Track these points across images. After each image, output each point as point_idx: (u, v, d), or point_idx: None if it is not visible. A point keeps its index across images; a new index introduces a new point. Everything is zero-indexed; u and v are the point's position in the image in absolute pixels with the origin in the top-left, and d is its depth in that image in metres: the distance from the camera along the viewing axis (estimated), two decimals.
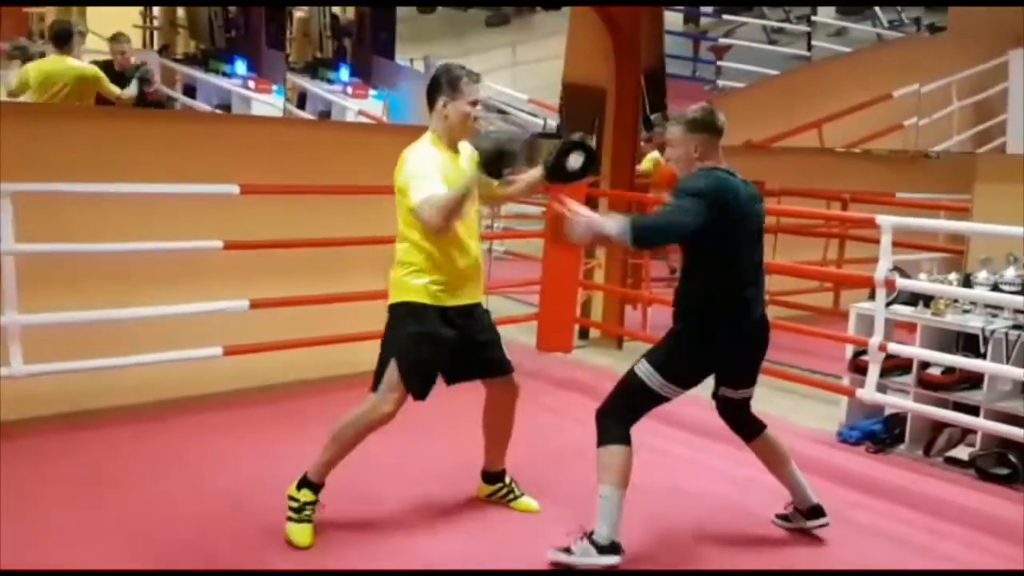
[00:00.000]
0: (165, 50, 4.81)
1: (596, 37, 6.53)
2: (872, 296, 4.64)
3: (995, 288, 4.35)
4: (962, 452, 4.42)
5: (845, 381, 4.83)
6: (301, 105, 5.22)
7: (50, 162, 4.22)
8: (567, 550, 3.19)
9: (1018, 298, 4.24)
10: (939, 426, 4.54)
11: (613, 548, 3.14)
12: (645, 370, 3.24)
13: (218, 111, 4.90)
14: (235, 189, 4.55)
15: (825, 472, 4.31)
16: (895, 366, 4.62)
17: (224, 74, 4.93)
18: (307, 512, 3.29)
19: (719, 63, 6.98)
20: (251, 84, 5.01)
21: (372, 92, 5.49)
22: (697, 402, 3.73)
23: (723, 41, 6.94)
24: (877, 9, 6.20)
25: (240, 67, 4.96)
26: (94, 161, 4.38)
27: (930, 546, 3.61)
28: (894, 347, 4.40)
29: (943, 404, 4.43)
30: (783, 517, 3.66)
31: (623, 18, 6.50)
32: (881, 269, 4.37)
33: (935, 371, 4.47)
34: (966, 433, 4.47)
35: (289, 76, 5.10)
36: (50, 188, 4.07)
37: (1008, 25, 5.24)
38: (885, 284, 4.37)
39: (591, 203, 6.27)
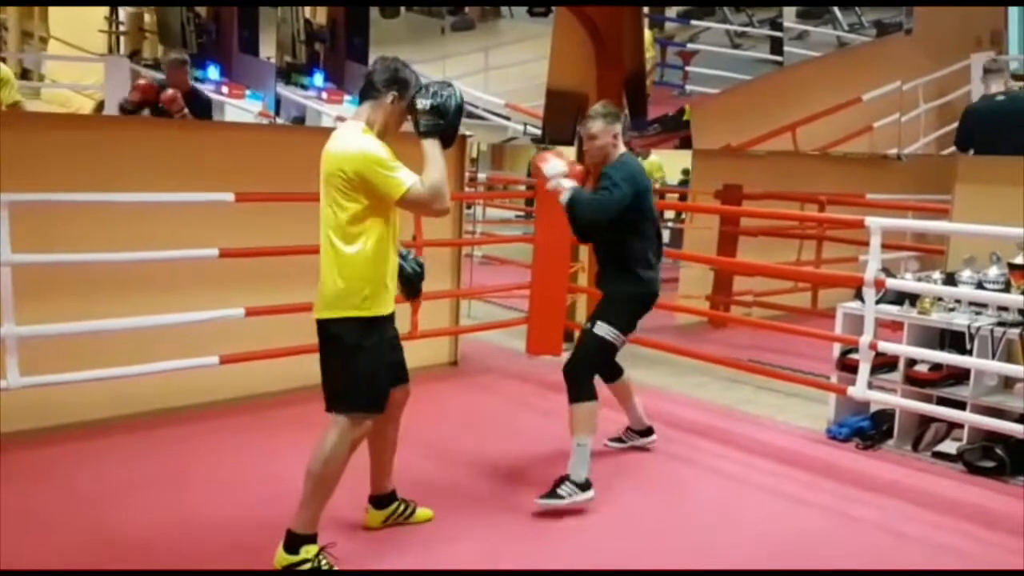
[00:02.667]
0: (135, 55, 4.68)
1: (579, 44, 6.60)
2: (858, 296, 4.70)
3: (979, 286, 4.45)
4: (949, 446, 4.51)
5: (834, 379, 4.89)
6: (276, 111, 5.14)
7: (44, 172, 4.14)
8: (554, 495, 3.69)
9: (1003, 295, 4.34)
10: (926, 421, 4.64)
11: (589, 484, 3.76)
12: (606, 330, 3.89)
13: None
14: (230, 197, 4.50)
15: (818, 469, 4.39)
16: (881, 363, 4.70)
17: (197, 80, 4.82)
18: (323, 560, 3.06)
19: (687, 68, 7.06)
20: (224, 89, 4.91)
21: (347, 97, 5.41)
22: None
23: (691, 46, 7.01)
24: (837, 13, 6.32)
25: (213, 72, 4.85)
26: (88, 170, 4.31)
27: (927, 537, 3.69)
28: (884, 345, 4.47)
29: (929, 400, 4.52)
30: (616, 439, 4.51)
31: (605, 26, 6.57)
32: (871, 269, 4.44)
33: (922, 368, 4.56)
34: (952, 428, 4.58)
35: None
36: (47, 198, 3.99)
37: (970, 29, 5.38)
38: (875, 284, 4.43)
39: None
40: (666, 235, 8.29)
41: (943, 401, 4.48)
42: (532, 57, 6.36)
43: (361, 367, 3.08)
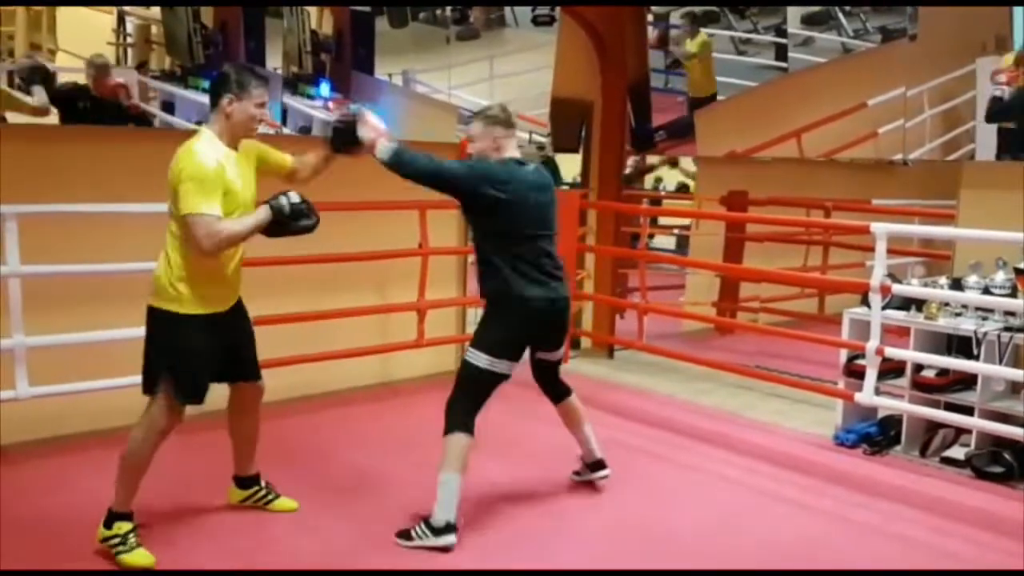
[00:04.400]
0: (142, 67, 4.72)
1: (583, 52, 6.63)
2: (864, 301, 4.70)
3: (986, 291, 4.45)
4: (957, 452, 4.50)
5: (840, 385, 4.89)
6: (282, 121, 5.17)
7: (51, 183, 4.18)
8: (406, 534, 3.43)
9: (1010, 300, 4.34)
10: (933, 427, 4.64)
11: (448, 528, 3.40)
12: (475, 355, 3.52)
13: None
14: None
15: (826, 475, 4.39)
16: (888, 369, 4.69)
17: (204, 90, 4.84)
18: (133, 540, 3.25)
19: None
20: None
21: (352, 107, 5.42)
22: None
23: None
24: (842, 19, 6.33)
25: None
26: (94, 181, 4.34)
27: (934, 544, 3.68)
28: (891, 351, 4.47)
29: (936, 405, 4.52)
30: (576, 473, 4.13)
31: (608, 32, 6.58)
32: (877, 275, 4.44)
33: (929, 373, 4.55)
34: (960, 433, 4.57)
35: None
36: (56, 209, 4.02)
37: (975, 34, 5.38)
38: (881, 289, 4.42)
39: (581, 216, 6.33)
40: (671, 241, 8.32)
41: (951, 406, 4.46)
42: (536, 66, 6.39)
43: (172, 357, 3.25)
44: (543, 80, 6.36)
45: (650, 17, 6.99)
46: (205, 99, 4.78)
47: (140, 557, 3.22)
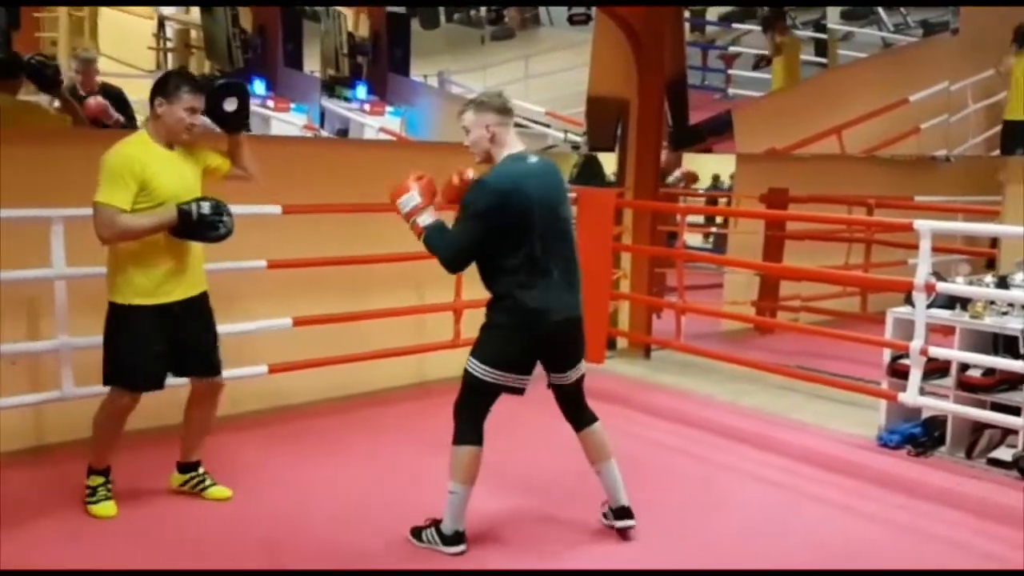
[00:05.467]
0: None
1: (619, 50, 6.58)
2: (908, 300, 4.62)
3: None
4: (1004, 453, 4.42)
5: (884, 385, 4.81)
6: (320, 124, 5.19)
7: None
8: (418, 534, 3.40)
9: None
10: (979, 428, 4.55)
11: (457, 538, 3.34)
12: (473, 365, 3.30)
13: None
14: (277, 209, 4.57)
15: (870, 476, 4.33)
16: (932, 369, 4.61)
17: None
18: (102, 492, 3.61)
19: (729, 71, 7.02)
20: (270, 103, 4.98)
21: (389, 109, 5.46)
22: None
23: (733, 49, 6.98)
24: (882, 13, 6.24)
25: (259, 87, 4.92)
26: None
27: (978, 547, 3.61)
28: (936, 350, 4.39)
29: (982, 405, 4.43)
30: (604, 515, 3.63)
31: (644, 30, 6.54)
32: (921, 273, 4.36)
33: (975, 373, 4.46)
34: (1007, 434, 4.48)
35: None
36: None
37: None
38: (925, 288, 4.35)
39: (617, 214, 6.29)
40: (697, 239, 8.23)
41: (997, 407, 4.38)
42: (571, 65, 6.36)
43: (118, 347, 3.48)
44: (578, 79, 6.33)
45: (687, 13, 6.95)
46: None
47: (103, 509, 3.58)
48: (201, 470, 3.86)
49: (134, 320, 3.44)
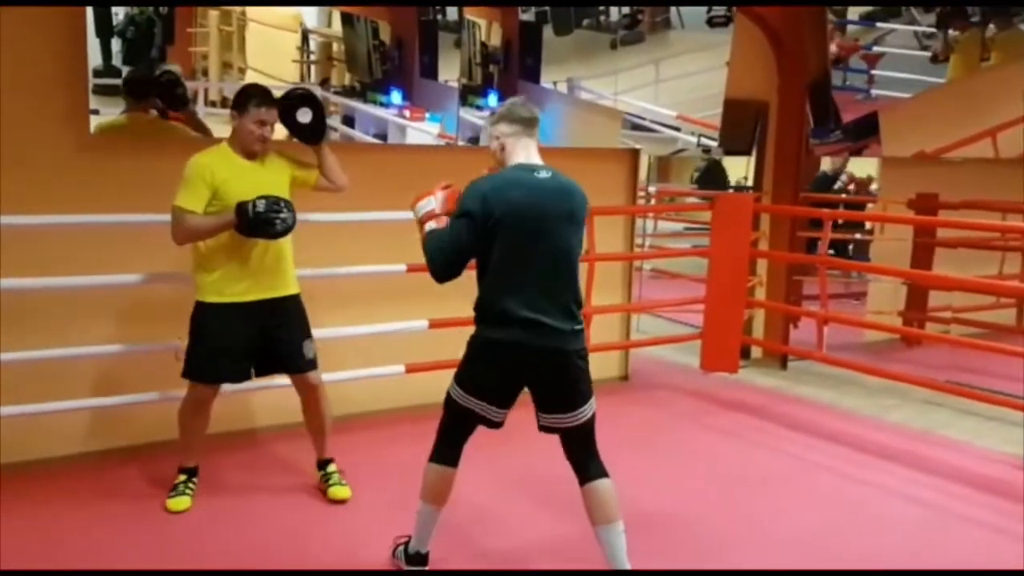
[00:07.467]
0: (325, 83, 4.95)
1: (759, 52, 6.45)
2: None
3: None
4: None
5: None
6: (456, 132, 5.28)
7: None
8: (396, 546, 3.31)
9: None
10: None
11: (418, 559, 3.21)
12: (452, 384, 3.07)
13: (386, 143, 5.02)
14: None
15: (1019, 497, 4.05)
16: None
17: (381, 104, 5.04)
18: (180, 488, 3.77)
19: (872, 72, 6.76)
20: (406, 113, 5.10)
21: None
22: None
23: (876, 49, 6.72)
24: None
25: (396, 97, 5.05)
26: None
27: None
28: None
29: None
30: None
31: (785, 31, 6.37)
32: None
33: None
34: None
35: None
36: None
37: None
38: None
39: (755, 220, 6.14)
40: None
41: None
42: (702, 68, 6.25)
43: (192, 342, 3.68)
44: (710, 82, 6.21)
45: (829, 12, 6.73)
46: (382, 112, 5.05)
47: (176, 504, 3.71)
48: (330, 468, 3.94)
49: (205, 316, 3.64)
